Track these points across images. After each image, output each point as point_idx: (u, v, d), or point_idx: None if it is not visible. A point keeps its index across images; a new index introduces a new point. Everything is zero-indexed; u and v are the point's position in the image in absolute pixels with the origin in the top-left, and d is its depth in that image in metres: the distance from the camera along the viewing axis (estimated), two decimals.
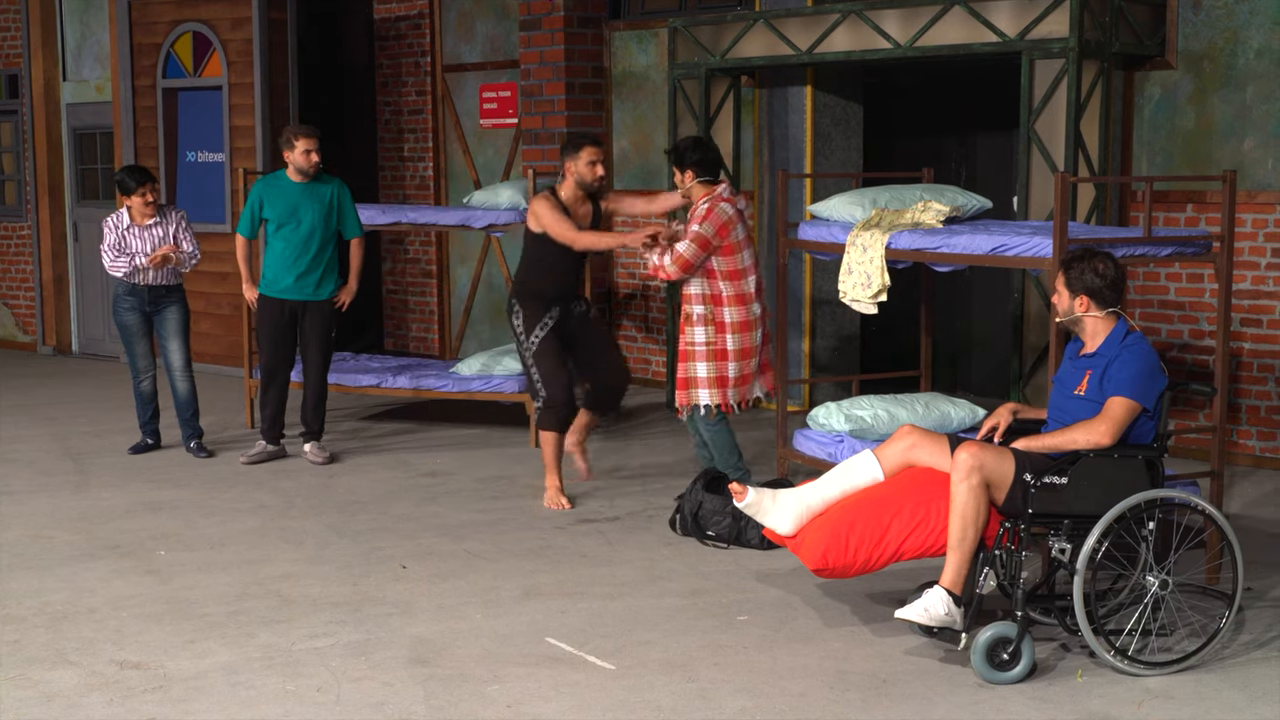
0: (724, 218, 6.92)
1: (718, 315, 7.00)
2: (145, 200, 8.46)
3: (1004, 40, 8.01)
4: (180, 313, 8.65)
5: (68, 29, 13.34)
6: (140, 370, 8.73)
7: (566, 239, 7.11)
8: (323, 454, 8.53)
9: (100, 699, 4.80)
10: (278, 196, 8.31)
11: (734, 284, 6.99)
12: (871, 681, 4.92)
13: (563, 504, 7.29)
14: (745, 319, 7.02)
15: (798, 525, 5.31)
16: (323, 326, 8.44)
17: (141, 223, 8.50)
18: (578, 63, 10.90)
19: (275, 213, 8.31)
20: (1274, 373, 8.03)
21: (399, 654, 5.21)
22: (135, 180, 8.46)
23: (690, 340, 7.03)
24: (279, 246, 8.33)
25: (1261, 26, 7.92)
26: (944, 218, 6.64)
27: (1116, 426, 5.00)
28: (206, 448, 8.70)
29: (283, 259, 8.32)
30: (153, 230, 8.50)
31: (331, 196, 8.39)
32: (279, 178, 8.39)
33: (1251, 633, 5.39)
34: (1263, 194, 7.96)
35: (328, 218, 8.38)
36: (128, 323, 8.63)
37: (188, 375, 8.69)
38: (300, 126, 8.36)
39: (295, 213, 8.30)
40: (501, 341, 11.75)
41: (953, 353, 10.45)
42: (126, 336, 8.68)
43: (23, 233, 13.90)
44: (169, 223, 8.54)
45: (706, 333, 7.00)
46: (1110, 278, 5.18)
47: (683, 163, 7.07)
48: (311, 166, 8.28)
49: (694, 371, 7.04)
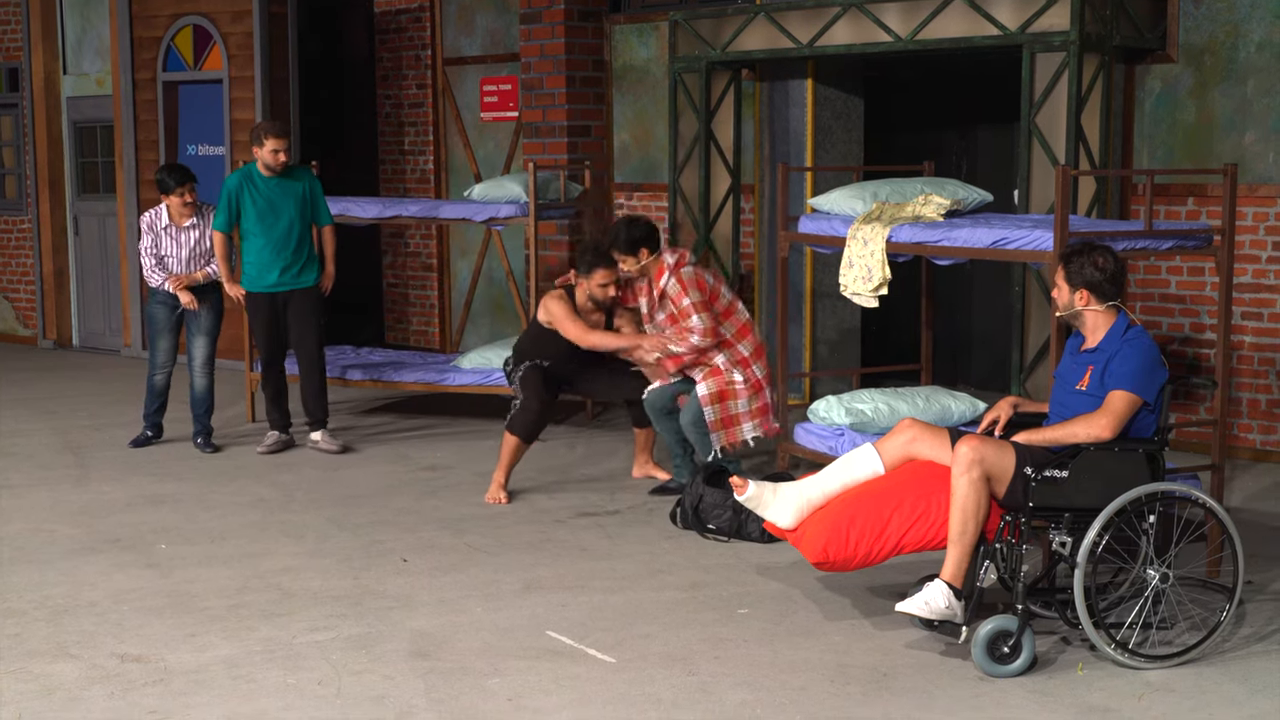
0: (691, 276, 7.08)
1: (737, 354, 7.13)
2: (184, 200, 8.47)
3: (1005, 33, 8.00)
4: (213, 312, 8.67)
5: (68, 22, 13.33)
6: (159, 365, 8.74)
7: (574, 338, 7.33)
8: (335, 443, 8.58)
9: (101, 692, 4.81)
10: (254, 192, 8.35)
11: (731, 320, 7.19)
12: (872, 675, 4.92)
13: (500, 499, 7.35)
14: (757, 344, 7.24)
15: (798, 519, 5.31)
16: (311, 313, 8.51)
17: (180, 223, 8.52)
18: (578, 56, 10.89)
19: (253, 207, 8.34)
20: (1275, 366, 8.03)
21: (400, 647, 5.21)
22: (175, 180, 8.48)
23: (729, 380, 7.10)
24: (260, 242, 8.37)
25: (1262, 20, 7.91)
26: (945, 211, 6.63)
27: (1117, 420, 5.00)
28: (214, 443, 8.73)
29: (266, 254, 8.38)
30: (190, 232, 8.51)
31: (304, 189, 8.46)
32: (252, 173, 8.40)
33: (1252, 626, 5.39)
34: (1263, 187, 7.95)
35: (303, 210, 8.45)
36: (156, 315, 8.65)
37: (207, 372, 8.70)
38: (272, 125, 8.39)
39: (274, 207, 8.35)
40: (501, 335, 11.75)
41: (953, 346, 10.45)
42: (153, 329, 8.71)
43: (23, 226, 13.90)
44: (205, 223, 8.55)
45: (740, 372, 7.12)
46: (1110, 271, 5.18)
47: (633, 246, 7.16)
48: (279, 166, 8.33)
49: (735, 409, 7.10)
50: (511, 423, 7.38)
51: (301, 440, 8.73)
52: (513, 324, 11.83)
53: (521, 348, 7.59)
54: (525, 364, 7.46)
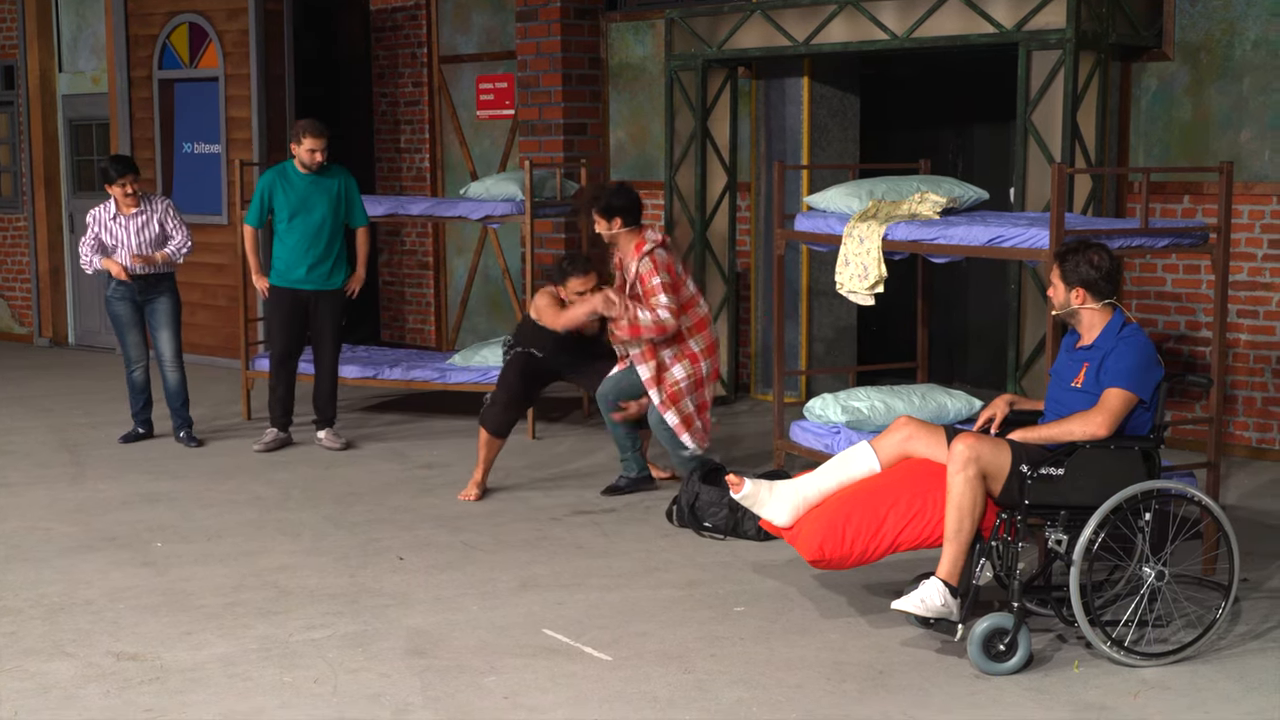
0: (665, 259, 7.09)
1: (686, 349, 7.13)
2: (125, 191, 8.48)
3: (1001, 31, 8.01)
4: (171, 303, 8.66)
5: (63, 20, 13.31)
6: (133, 360, 8.75)
7: (551, 325, 7.40)
8: (338, 440, 8.59)
9: (97, 690, 4.81)
10: (288, 188, 8.38)
11: (690, 313, 7.17)
12: (868, 672, 4.93)
13: (471, 495, 7.38)
14: (710, 341, 7.25)
15: (794, 516, 5.31)
16: (335, 316, 8.56)
17: (126, 212, 8.52)
18: (574, 54, 10.89)
19: (286, 204, 8.37)
20: (1270, 364, 8.04)
21: (396, 645, 5.21)
22: (117, 170, 8.50)
23: (673, 381, 7.11)
24: (292, 239, 8.40)
25: (1258, 18, 7.92)
26: (941, 209, 6.63)
27: (1112, 417, 5.00)
28: (196, 437, 8.74)
29: (296, 250, 8.39)
30: (136, 219, 8.51)
31: (339, 187, 8.48)
32: (287, 169, 8.45)
33: (1247, 624, 5.40)
34: (1259, 185, 7.96)
35: (336, 208, 8.47)
36: (119, 313, 8.65)
37: (178, 365, 8.71)
38: (313, 125, 8.41)
39: (306, 204, 8.38)
40: (498, 333, 11.75)
41: (950, 344, 10.45)
42: (118, 326, 8.71)
43: (19, 224, 13.88)
44: (153, 212, 8.56)
45: (684, 368, 7.11)
46: (1105, 269, 5.18)
47: (610, 211, 7.19)
48: (315, 165, 8.37)
49: (687, 408, 7.13)
50: (482, 417, 7.44)
51: (305, 439, 8.73)
52: (509, 322, 11.82)
53: (521, 331, 7.62)
54: (515, 349, 7.51)
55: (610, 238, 7.26)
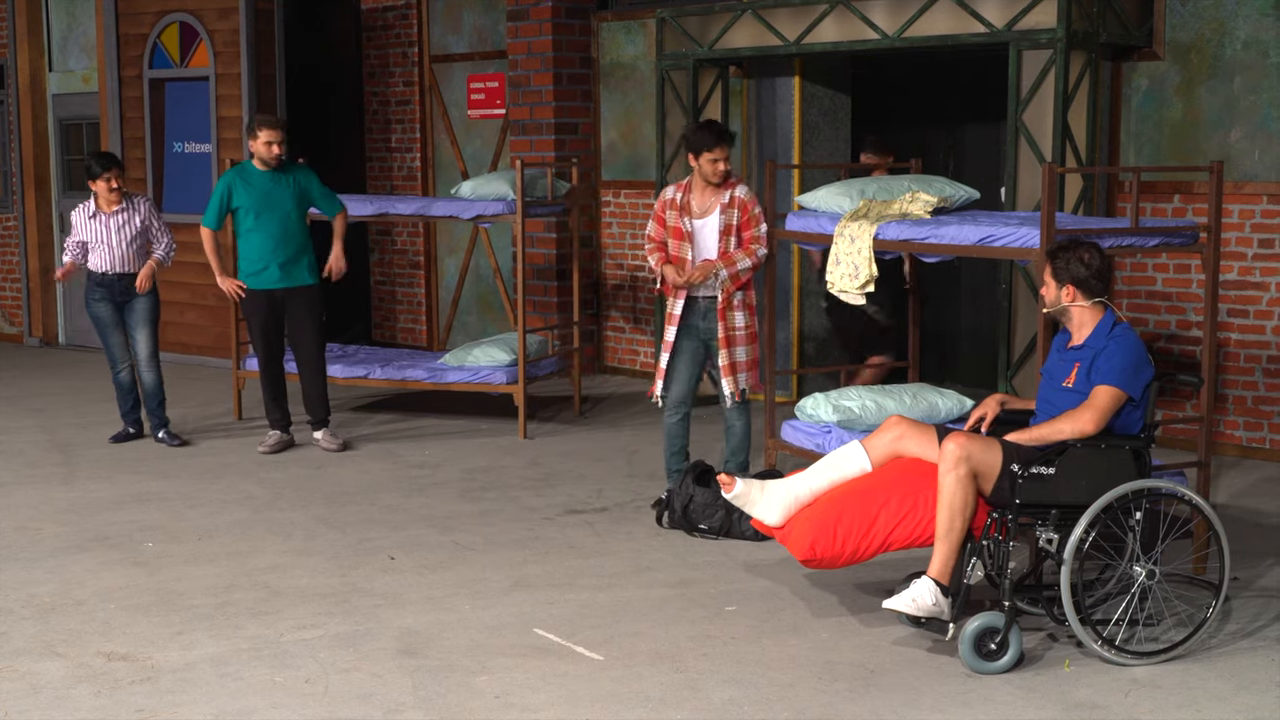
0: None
1: (749, 299, 7.07)
2: (109, 186, 8.46)
3: (992, 31, 8.02)
4: (149, 303, 8.65)
5: (54, 19, 13.29)
6: (117, 360, 8.74)
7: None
8: (335, 441, 8.57)
9: (88, 690, 4.80)
10: (249, 187, 8.31)
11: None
12: (859, 672, 4.93)
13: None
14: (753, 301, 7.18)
15: (786, 516, 5.31)
16: (310, 312, 8.47)
17: (108, 209, 8.51)
18: (565, 53, 10.89)
19: (249, 202, 8.30)
20: (1260, 363, 8.05)
21: (387, 645, 5.21)
22: (100, 166, 8.49)
23: (733, 325, 6.99)
24: (258, 238, 8.33)
25: (1249, 18, 7.94)
26: (932, 208, 6.64)
27: (1102, 415, 5.01)
28: (177, 435, 8.73)
29: (264, 249, 8.33)
30: (117, 217, 8.50)
31: (300, 183, 8.41)
32: (246, 168, 8.37)
33: (1238, 622, 5.41)
34: (1249, 185, 7.97)
35: (300, 204, 8.41)
36: (99, 314, 8.64)
37: (154, 365, 8.70)
38: (267, 117, 8.35)
39: (269, 201, 8.31)
40: (489, 332, 11.75)
41: (941, 344, 10.46)
42: (100, 328, 8.70)
43: (9, 224, 13.86)
44: (136, 211, 8.55)
45: (744, 317, 7.04)
46: (1096, 267, 5.19)
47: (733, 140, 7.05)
48: (272, 158, 8.28)
49: (739, 356, 7.02)
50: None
51: (303, 439, 8.71)
52: (500, 321, 11.82)
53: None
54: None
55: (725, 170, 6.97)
